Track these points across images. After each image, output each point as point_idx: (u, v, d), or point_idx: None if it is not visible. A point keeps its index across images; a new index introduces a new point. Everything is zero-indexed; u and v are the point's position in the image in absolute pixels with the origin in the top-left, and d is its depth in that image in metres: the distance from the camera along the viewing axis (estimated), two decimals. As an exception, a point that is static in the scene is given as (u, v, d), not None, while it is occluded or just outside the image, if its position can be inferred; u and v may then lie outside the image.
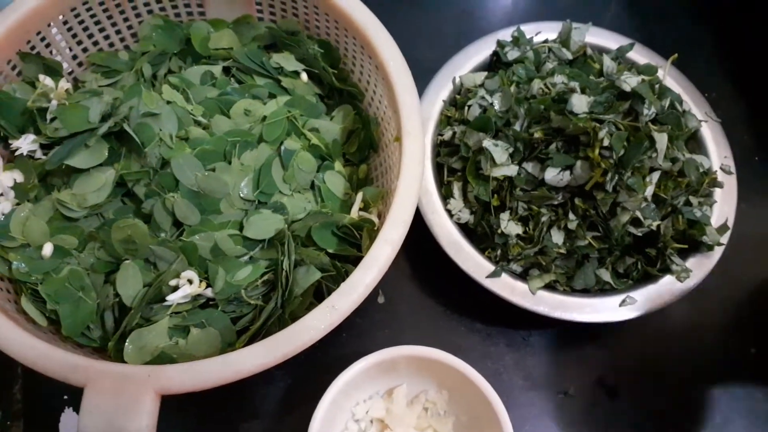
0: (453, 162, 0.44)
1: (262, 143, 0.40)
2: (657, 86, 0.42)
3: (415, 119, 0.38)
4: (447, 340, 0.45)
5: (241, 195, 0.39)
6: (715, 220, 0.43)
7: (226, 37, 0.45)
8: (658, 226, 0.41)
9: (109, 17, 0.46)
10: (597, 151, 0.38)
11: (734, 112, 0.55)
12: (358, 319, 0.46)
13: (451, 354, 0.40)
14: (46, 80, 0.42)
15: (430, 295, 0.47)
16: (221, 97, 0.41)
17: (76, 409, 0.43)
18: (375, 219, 0.41)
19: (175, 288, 0.38)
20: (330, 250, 0.39)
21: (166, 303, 0.37)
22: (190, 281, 0.38)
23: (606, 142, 0.38)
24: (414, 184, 0.36)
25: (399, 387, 0.43)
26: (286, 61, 0.44)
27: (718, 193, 0.44)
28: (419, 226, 0.43)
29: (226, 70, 0.44)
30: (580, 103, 0.40)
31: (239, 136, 0.40)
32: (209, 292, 0.39)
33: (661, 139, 0.38)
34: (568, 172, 0.40)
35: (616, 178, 0.39)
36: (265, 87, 0.42)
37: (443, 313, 0.47)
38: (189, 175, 0.39)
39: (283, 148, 0.40)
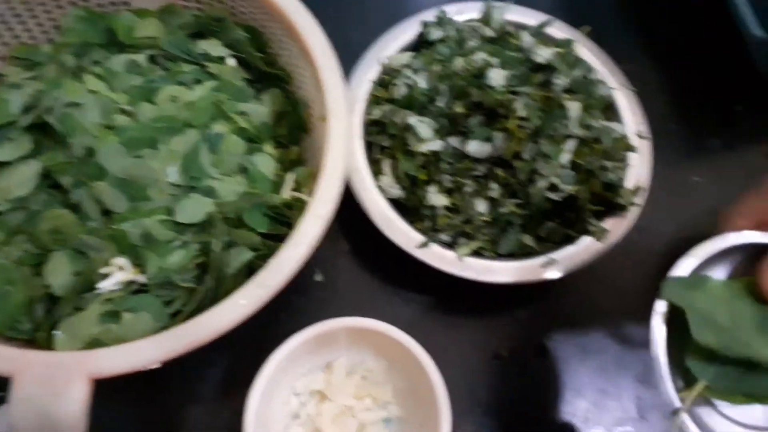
0: (382, 140, 0.45)
1: (189, 128, 0.41)
2: (570, 58, 0.45)
3: (340, 99, 0.39)
4: (384, 312, 0.46)
5: (170, 180, 0.40)
6: (630, 183, 0.46)
7: (152, 27, 0.44)
8: (576, 191, 0.43)
9: (29, 10, 0.45)
10: (514, 122, 0.40)
11: (653, 83, 0.58)
12: (296, 297, 0.47)
13: (387, 324, 0.42)
14: (-38, 74, 0.41)
15: (367, 271, 0.49)
16: (146, 85, 0.41)
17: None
18: (307, 198, 0.42)
19: (107, 276, 0.38)
20: (262, 231, 0.39)
21: (97, 291, 0.37)
22: (122, 268, 0.39)
23: (522, 113, 0.40)
24: (340, 162, 0.37)
25: (338, 359, 0.44)
26: (212, 47, 0.44)
27: (633, 157, 0.47)
28: (354, 204, 0.44)
29: (152, 59, 0.44)
30: (497, 77, 0.42)
31: (165, 122, 0.40)
32: (142, 278, 0.39)
33: (573, 107, 0.41)
34: (488, 144, 0.42)
35: (534, 147, 0.41)
36: (192, 73, 0.43)
37: (380, 286, 0.48)
38: (115, 163, 0.39)
39: (210, 132, 0.41)
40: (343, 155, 0.37)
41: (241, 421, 0.38)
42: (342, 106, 0.38)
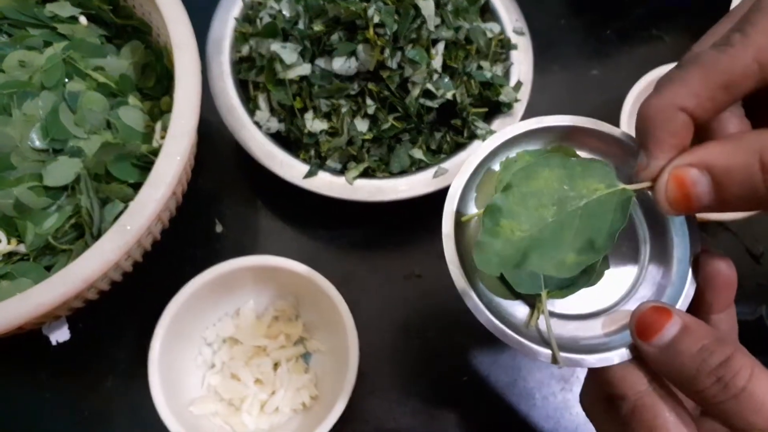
0: (254, 76, 0.44)
1: (45, 91, 0.40)
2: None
3: (183, 30, 0.38)
4: (292, 252, 0.45)
5: (33, 146, 0.39)
6: (514, 80, 0.45)
7: (-5, -3, 0.43)
8: (454, 95, 0.42)
9: None
10: (371, 30, 0.39)
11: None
12: (199, 251, 0.46)
13: (287, 258, 0.41)
14: None
15: (267, 215, 0.48)
16: (-10, 53, 0.40)
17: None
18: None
19: (-19, 250, 0.37)
20: (131, 181, 0.39)
21: (-28, 265, 0.37)
22: (-2, 240, 0.38)
23: (376, 19, 0.39)
24: (191, 94, 0.37)
25: (246, 304, 0.44)
26: (61, 8, 0.42)
27: (515, 54, 0.46)
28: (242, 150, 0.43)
29: (-3, 29, 0.43)
30: (348, -12, 0.40)
31: (15, 87, 0.39)
32: (22, 248, 0.39)
33: (427, 6, 0.40)
34: (354, 59, 0.41)
35: (398, 54, 0.40)
36: (41, 37, 0.41)
37: (283, 228, 0.48)
38: (-32, 135, 0.38)
39: (66, 91, 0.40)
40: (193, 88, 0.36)
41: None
42: (186, 37, 0.37)
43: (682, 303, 0.24)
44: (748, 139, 0.19)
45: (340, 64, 0.41)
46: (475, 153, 0.27)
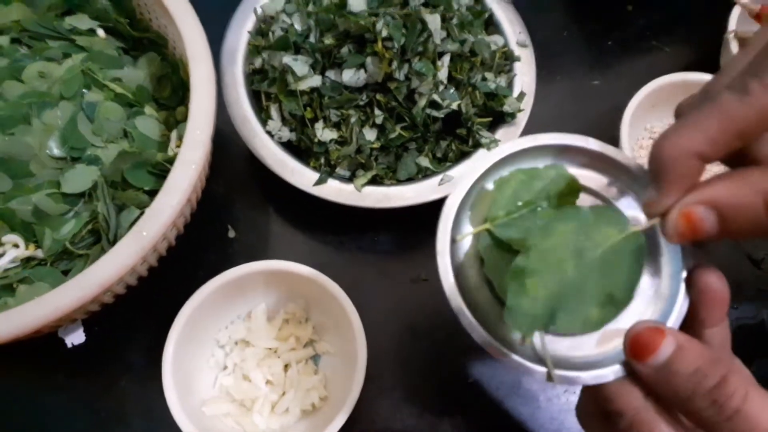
0: (267, 87, 0.45)
1: (63, 101, 0.41)
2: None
3: (199, 43, 0.39)
4: (303, 256, 0.46)
5: (51, 154, 0.40)
6: (517, 91, 0.46)
7: (16, 11, 0.44)
8: (459, 105, 0.43)
9: None
10: (380, 43, 0.41)
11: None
12: (212, 255, 0.48)
13: (297, 263, 0.42)
14: None
15: (279, 221, 0.49)
16: (12, 64, 0.41)
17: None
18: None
19: (1, 255, 0.39)
20: (147, 188, 0.40)
21: (-8, 270, 0.38)
22: (16, 245, 0.39)
23: (384, 33, 0.40)
24: (206, 105, 0.38)
25: (258, 306, 0.45)
26: (79, 21, 0.44)
27: (518, 66, 0.47)
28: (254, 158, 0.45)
29: (17, 40, 0.44)
30: (357, 2, 0.42)
31: (35, 97, 0.40)
32: (40, 254, 0.40)
33: (434, 20, 0.41)
34: (363, 71, 0.42)
35: (406, 66, 0.42)
36: (59, 48, 0.43)
37: (294, 234, 0.49)
38: (-11, 144, 0.39)
39: (84, 101, 0.41)
40: (208, 99, 0.38)
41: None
42: (202, 50, 0.39)
43: (676, 320, 0.24)
44: (752, 177, 0.21)
45: (349, 76, 0.42)
46: (469, 173, 0.27)
